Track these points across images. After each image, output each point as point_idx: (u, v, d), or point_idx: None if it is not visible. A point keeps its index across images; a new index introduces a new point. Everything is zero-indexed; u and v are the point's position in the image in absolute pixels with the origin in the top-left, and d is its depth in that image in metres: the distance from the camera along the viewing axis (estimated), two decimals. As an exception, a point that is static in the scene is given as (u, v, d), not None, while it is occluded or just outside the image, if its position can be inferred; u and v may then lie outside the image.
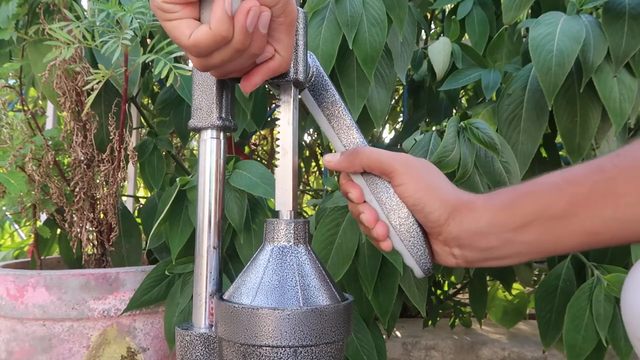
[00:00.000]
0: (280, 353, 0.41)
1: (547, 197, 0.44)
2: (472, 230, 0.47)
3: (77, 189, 0.89)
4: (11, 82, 0.95)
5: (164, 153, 1.05)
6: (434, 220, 0.48)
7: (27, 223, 1.01)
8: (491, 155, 0.79)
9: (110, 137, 0.88)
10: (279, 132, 0.49)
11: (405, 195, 0.49)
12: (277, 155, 0.49)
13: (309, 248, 0.47)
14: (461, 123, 0.79)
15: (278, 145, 0.48)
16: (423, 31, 1.37)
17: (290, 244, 0.46)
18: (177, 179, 0.81)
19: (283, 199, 0.48)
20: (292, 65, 0.47)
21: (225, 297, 0.46)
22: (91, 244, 0.94)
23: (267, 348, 0.41)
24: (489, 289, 1.28)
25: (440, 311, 1.33)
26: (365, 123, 0.89)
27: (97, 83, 0.81)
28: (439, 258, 0.51)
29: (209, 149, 0.50)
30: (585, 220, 0.42)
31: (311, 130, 1.45)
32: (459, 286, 1.44)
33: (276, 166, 0.49)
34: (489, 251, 0.47)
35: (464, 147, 0.77)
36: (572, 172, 0.44)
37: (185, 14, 0.39)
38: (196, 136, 1.38)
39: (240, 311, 0.42)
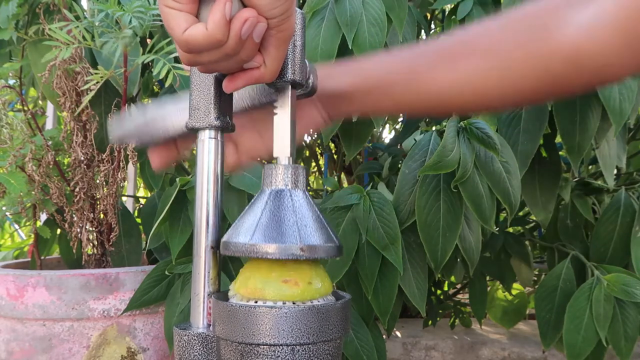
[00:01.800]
0: (278, 351, 0.41)
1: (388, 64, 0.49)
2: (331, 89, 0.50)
3: (77, 189, 0.89)
4: (11, 82, 0.95)
5: (164, 153, 1.05)
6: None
7: (27, 223, 1.02)
8: (491, 155, 0.79)
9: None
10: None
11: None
12: (275, 110, 0.49)
13: (307, 194, 0.47)
14: (461, 123, 0.79)
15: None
16: (423, 31, 1.37)
17: (288, 187, 0.46)
18: (177, 179, 0.81)
19: (281, 146, 0.48)
20: (289, 65, 0.47)
21: (224, 239, 0.46)
22: (91, 244, 0.94)
23: (265, 346, 0.41)
24: (489, 289, 1.28)
25: (440, 311, 1.33)
26: (365, 123, 0.89)
27: (96, 83, 0.81)
28: (308, 122, 0.54)
29: (207, 149, 0.50)
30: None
31: (311, 130, 1.45)
32: (459, 286, 1.44)
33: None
34: (344, 103, 0.51)
35: (464, 147, 0.77)
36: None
37: (187, 7, 0.39)
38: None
39: (237, 310, 0.42)
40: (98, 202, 0.92)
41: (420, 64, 0.48)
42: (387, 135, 1.82)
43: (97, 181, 0.91)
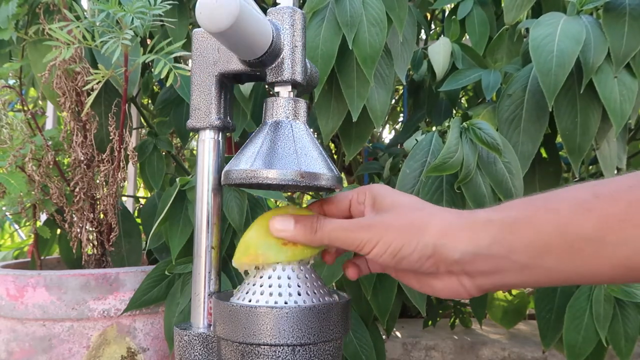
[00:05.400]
0: (279, 352, 0.41)
1: (570, 214, 0.36)
2: (472, 252, 0.39)
3: (77, 189, 0.89)
4: (11, 82, 0.95)
5: (164, 153, 1.05)
6: (417, 260, 0.40)
7: (27, 223, 1.01)
8: (493, 156, 0.79)
9: (110, 137, 0.88)
10: None
11: (378, 258, 0.42)
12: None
13: (307, 126, 0.48)
14: (464, 124, 0.79)
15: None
16: (423, 31, 1.37)
17: (288, 119, 0.46)
18: (177, 179, 0.81)
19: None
20: (290, 65, 0.47)
21: (226, 168, 0.46)
22: (91, 244, 0.94)
23: (265, 347, 0.41)
24: (489, 289, 1.28)
25: (440, 311, 1.33)
26: (365, 123, 0.89)
27: (97, 83, 0.81)
28: (448, 292, 0.43)
29: (207, 149, 0.50)
30: (618, 247, 0.34)
31: (311, 130, 1.45)
32: (459, 286, 1.43)
33: None
34: (501, 276, 0.39)
35: (467, 148, 0.77)
36: (604, 186, 0.36)
37: None
38: (196, 136, 1.38)
39: (238, 310, 0.42)
40: (98, 202, 0.92)
41: (614, 215, 0.35)
42: (387, 135, 1.82)
43: (97, 181, 0.91)
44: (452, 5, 1.17)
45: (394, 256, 0.41)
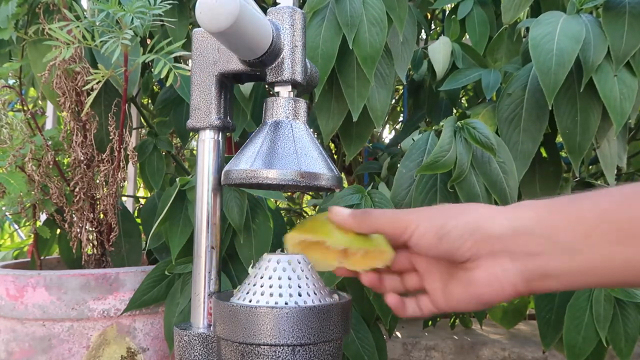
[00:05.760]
0: (279, 352, 0.41)
1: (616, 201, 0.35)
2: (514, 228, 0.38)
3: (77, 189, 0.89)
4: (11, 82, 0.95)
5: (164, 153, 1.05)
6: (459, 238, 0.40)
7: (27, 223, 1.01)
8: (488, 155, 0.79)
9: (110, 137, 0.88)
10: None
11: (420, 239, 0.42)
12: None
13: (307, 126, 0.48)
14: (458, 123, 0.79)
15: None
16: (423, 31, 1.37)
17: (288, 119, 0.47)
18: (177, 179, 0.81)
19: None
20: (290, 65, 0.47)
21: (226, 168, 0.46)
22: (91, 244, 0.94)
23: (265, 347, 0.41)
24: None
25: (441, 311, 1.33)
26: (366, 123, 0.89)
27: (97, 83, 0.81)
28: (490, 283, 0.40)
29: (207, 149, 0.50)
30: None
31: (311, 130, 1.45)
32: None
33: None
34: (545, 259, 0.37)
35: (460, 146, 0.77)
36: None
37: None
38: (196, 136, 1.38)
39: (238, 310, 0.42)
40: (98, 202, 0.92)
41: None
42: (388, 135, 1.82)
43: (97, 181, 0.91)
44: (452, 5, 1.17)
45: (435, 233, 0.41)
